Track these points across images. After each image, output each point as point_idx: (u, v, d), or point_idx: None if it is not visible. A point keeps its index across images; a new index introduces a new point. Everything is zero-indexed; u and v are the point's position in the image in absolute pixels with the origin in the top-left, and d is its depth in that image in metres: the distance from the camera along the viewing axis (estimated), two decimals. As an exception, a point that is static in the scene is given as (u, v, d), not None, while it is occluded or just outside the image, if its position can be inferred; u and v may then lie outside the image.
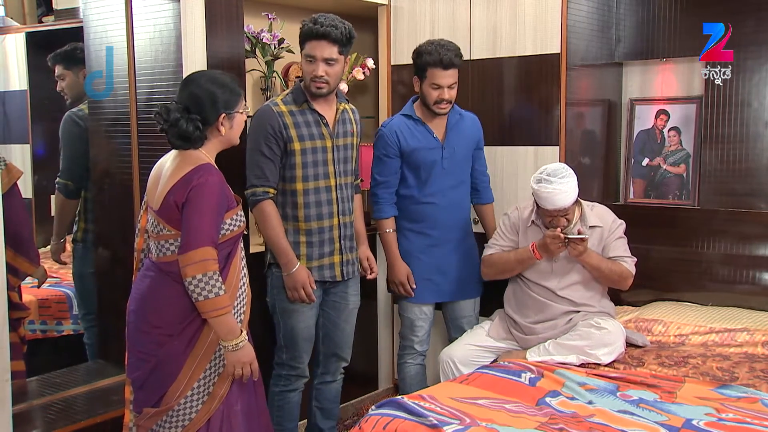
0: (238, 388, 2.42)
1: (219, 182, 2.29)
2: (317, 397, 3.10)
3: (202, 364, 2.31)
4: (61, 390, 2.93)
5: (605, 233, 3.04)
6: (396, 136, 3.17)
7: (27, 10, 3.41)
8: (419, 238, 3.27)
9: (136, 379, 2.36)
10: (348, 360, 3.10)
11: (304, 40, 2.80)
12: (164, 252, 2.32)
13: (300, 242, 2.84)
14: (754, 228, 3.40)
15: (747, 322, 3.21)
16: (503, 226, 3.18)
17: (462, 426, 2.24)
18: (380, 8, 3.84)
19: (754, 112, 3.39)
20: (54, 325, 3.38)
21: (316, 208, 2.84)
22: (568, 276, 3.05)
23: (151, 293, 2.33)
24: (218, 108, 2.33)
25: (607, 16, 3.61)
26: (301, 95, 2.82)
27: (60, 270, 3.44)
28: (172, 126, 2.29)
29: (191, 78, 2.41)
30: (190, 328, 2.30)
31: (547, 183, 2.87)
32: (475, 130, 3.31)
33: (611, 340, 2.89)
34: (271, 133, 2.76)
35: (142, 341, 2.33)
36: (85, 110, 3.23)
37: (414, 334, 3.32)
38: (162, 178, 2.33)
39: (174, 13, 2.81)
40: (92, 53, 3.04)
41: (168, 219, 2.28)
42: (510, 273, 3.13)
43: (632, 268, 3.04)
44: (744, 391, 2.58)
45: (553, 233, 2.89)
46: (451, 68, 3.09)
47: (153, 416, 2.33)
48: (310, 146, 2.81)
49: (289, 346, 2.90)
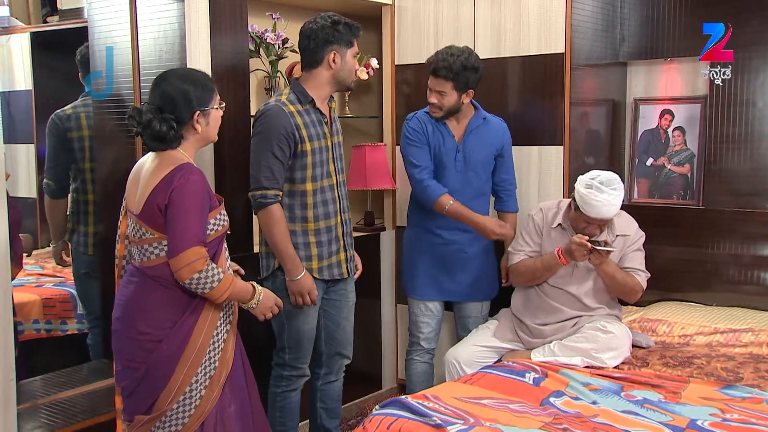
0: (230, 390, 2.38)
1: (201, 180, 2.23)
2: (322, 398, 3.10)
3: (193, 368, 2.27)
4: (65, 389, 2.93)
5: (628, 242, 3.01)
6: (422, 124, 3.22)
7: (32, 10, 3.41)
8: (427, 235, 3.28)
9: (125, 387, 2.30)
10: (350, 357, 3.10)
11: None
12: (148, 256, 2.27)
13: (310, 243, 2.83)
14: (759, 228, 3.39)
15: (752, 323, 3.21)
16: (528, 228, 3.13)
17: (466, 426, 2.24)
18: (384, 8, 3.83)
19: (759, 111, 3.39)
20: (58, 324, 3.38)
21: (323, 207, 2.84)
22: (586, 282, 3.03)
23: (136, 299, 2.28)
24: (192, 106, 2.27)
25: (611, 16, 3.61)
26: (305, 95, 2.80)
27: (64, 270, 3.45)
28: (146, 128, 2.24)
29: (162, 77, 2.34)
30: (179, 333, 2.25)
31: (598, 191, 2.81)
32: (498, 137, 3.25)
33: (617, 345, 2.87)
34: (284, 134, 2.70)
35: (129, 349, 2.28)
36: (68, 111, 3.23)
37: (419, 330, 3.33)
38: (141, 181, 2.27)
39: (178, 13, 2.81)
40: (96, 53, 3.05)
41: (150, 223, 2.23)
42: (539, 280, 3.06)
43: (644, 283, 3.01)
44: (749, 392, 2.58)
45: (579, 240, 2.83)
46: (437, 76, 3.08)
47: (146, 423, 2.28)
48: (317, 146, 2.79)
49: (293, 347, 2.89)
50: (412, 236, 3.35)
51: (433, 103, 3.14)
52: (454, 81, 3.07)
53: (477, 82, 3.14)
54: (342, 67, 2.80)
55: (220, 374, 2.33)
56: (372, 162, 3.76)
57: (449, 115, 3.17)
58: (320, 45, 2.76)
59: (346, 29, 2.78)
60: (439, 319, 3.36)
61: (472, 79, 3.10)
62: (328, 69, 2.79)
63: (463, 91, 3.11)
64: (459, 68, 3.05)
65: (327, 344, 3.03)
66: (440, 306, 3.35)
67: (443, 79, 3.08)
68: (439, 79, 3.09)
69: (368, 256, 3.80)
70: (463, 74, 3.06)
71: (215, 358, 2.32)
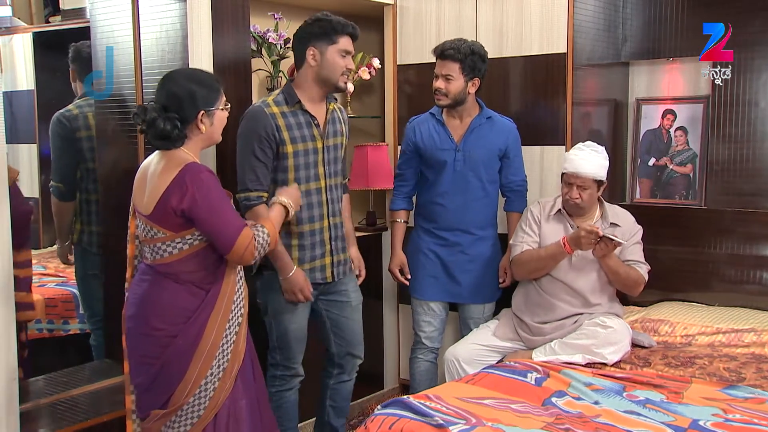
0: (242, 384, 2.41)
1: (212, 176, 2.28)
2: (332, 396, 3.10)
3: (208, 361, 2.30)
4: (68, 389, 2.94)
5: (626, 235, 3.03)
6: (413, 131, 3.27)
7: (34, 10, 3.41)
8: (429, 236, 3.29)
9: (140, 383, 2.34)
10: (362, 357, 3.09)
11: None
12: (161, 254, 2.29)
13: (292, 245, 2.81)
14: (761, 228, 3.39)
15: (754, 323, 3.20)
16: (526, 220, 3.15)
17: (468, 426, 2.24)
18: (386, 8, 3.84)
19: (762, 111, 3.38)
20: (61, 324, 3.39)
21: (308, 210, 2.81)
22: (584, 272, 3.04)
23: (150, 296, 2.31)
24: (197, 105, 2.29)
25: (613, 16, 3.61)
26: (293, 96, 2.77)
27: (66, 269, 3.45)
28: (150, 126, 2.25)
29: (169, 76, 2.36)
30: (193, 327, 2.29)
31: (578, 150, 3.00)
32: (503, 137, 3.22)
33: (617, 339, 2.89)
34: (264, 136, 2.69)
35: (144, 345, 2.31)
36: (74, 110, 3.23)
37: (421, 329, 3.34)
38: (149, 182, 2.29)
39: (180, 13, 2.81)
40: (98, 53, 3.05)
41: (163, 223, 2.26)
42: (542, 271, 3.06)
43: (646, 275, 3.05)
44: (751, 392, 2.58)
45: (590, 227, 2.88)
46: (443, 58, 3.10)
47: (161, 418, 2.32)
48: (302, 148, 2.76)
49: (282, 347, 2.88)
50: (415, 236, 3.36)
51: (439, 89, 3.13)
52: (462, 63, 3.08)
53: (483, 73, 3.14)
54: (322, 64, 2.75)
55: (232, 367, 2.36)
56: (374, 162, 3.77)
57: (455, 104, 3.16)
58: (302, 43, 2.76)
59: (327, 25, 2.74)
60: (442, 319, 3.36)
61: (479, 66, 3.11)
62: (310, 67, 2.76)
63: (470, 77, 3.11)
64: (467, 51, 3.08)
65: (337, 345, 3.03)
66: (443, 306, 3.35)
67: (451, 60, 3.08)
68: (447, 62, 3.09)
69: (370, 256, 3.81)
70: (471, 57, 3.08)
71: (228, 350, 2.35)
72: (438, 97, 3.15)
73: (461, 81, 3.10)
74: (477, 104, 3.24)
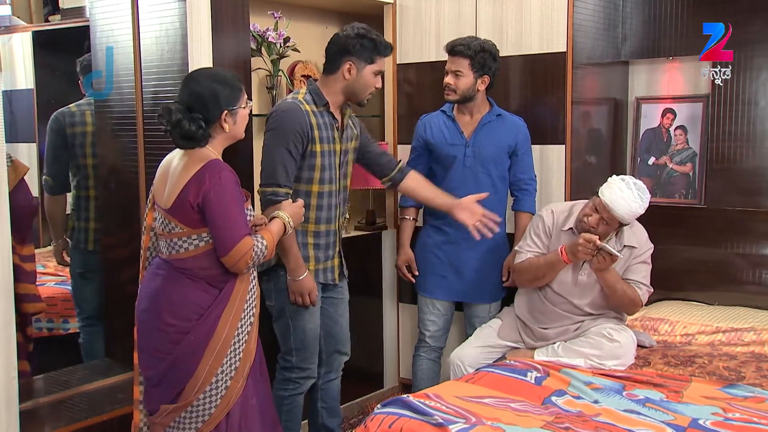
0: (253, 383, 2.43)
1: (232, 175, 2.29)
2: (323, 398, 3.09)
3: (219, 359, 2.31)
4: (68, 388, 2.94)
5: (634, 253, 2.95)
6: (424, 127, 3.32)
7: (33, 9, 3.41)
8: (437, 233, 3.29)
9: (151, 377, 2.35)
10: (349, 354, 3.10)
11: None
12: (177, 249, 2.31)
13: (308, 244, 2.82)
14: (761, 227, 3.39)
15: (754, 322, 3.21)
16: (536, 228, 3.06)
17: (468, 425, 2.24)
18: (386, 7, 3.83)
19: (761, 111, 3.38)
20: (60, 323, 3.39)
21: (327, 211, 2.83)
22: (590, 292, 2.98)
23: (164, 292, 2.33)
24: (220, 105, 2.31)
25: (613, 15, 3.60)
26: (321, 97, 2.79)
27: (65, 268, 3.45)
28: (175, 127, 2.27)
29: (192, 76, 2.38)
30: (205, 323, 2.30)
31: (626, 185, 2.80)
32: (512, 135, 3.22)
33: (622, 354, 2.85)
34: (299, 132, 2.70)
35: (156, 340, 2.33)
36: (73, 108, 3.23)
37: (425, 327, 3.35)
38: (171, 177, 2.32)
39: (180, 12, 2.81)
40: (98, 52, 3.05)
41: (180, 218, 2.28)
42: (542, 280, 3.00)
43: (644, 298, 2.95)
44: (751, 391, 2.58)
45: (588, 236, 2.77)
46: (454, 54, 3.13)
47: (171, 412, 2.33)
48: (327, 149, 2.78)
49: (301, 348, 2.86)
50: (424, 234, 3.37)
51: (448, 84, 3.16)
52: (471, 59, 3.10)
53: (495, 72, 3.16)
54: (356, 80, 2.78)
55: (244, 366, 2.38)
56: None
57: (464, 100, 3.18)
58: (339, 53, 2.77)
59: (370, 44, 2.76)
60: (447, 319, 3.36)
61: (489, 64, 3.12)
62: (343, 79, 2.78)
63: (479, 75, 3.12)
64: (477, 48, 3.10)
65: (326, 343, 3.03)
66: (449, 305, 3.35)
67: (460, 56, 3.11)
68: (456, 58, 3.12)
69: (369, 255, 3.81)
70: (480, 54, 3.10)
71: (240, 349, 2.36)
72: (447, 92, 3.18)
73: (470, 77, 3.13)
74: (487, 102, 3.26)
